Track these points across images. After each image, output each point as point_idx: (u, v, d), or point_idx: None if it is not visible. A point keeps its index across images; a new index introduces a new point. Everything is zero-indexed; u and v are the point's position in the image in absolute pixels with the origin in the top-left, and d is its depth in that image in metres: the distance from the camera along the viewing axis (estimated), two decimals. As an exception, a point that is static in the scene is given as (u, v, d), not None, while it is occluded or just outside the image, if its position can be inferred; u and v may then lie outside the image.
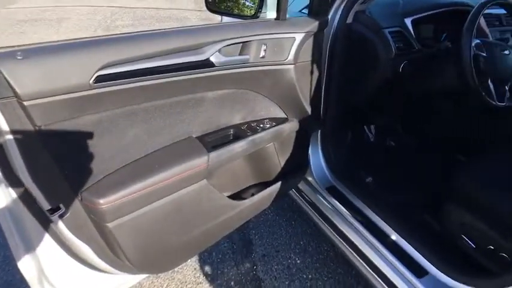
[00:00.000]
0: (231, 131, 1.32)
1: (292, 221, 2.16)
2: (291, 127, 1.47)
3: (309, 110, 1.49)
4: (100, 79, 0.93)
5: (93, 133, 1.01)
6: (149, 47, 1.02)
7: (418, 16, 1.64)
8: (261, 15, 1.46)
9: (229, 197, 1.43)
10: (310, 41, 1.40)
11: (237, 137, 1.30)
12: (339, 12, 1.56)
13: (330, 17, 1.55)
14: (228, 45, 1.17)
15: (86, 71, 0.90)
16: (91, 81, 0.91)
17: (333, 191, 1.77)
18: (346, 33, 1.58)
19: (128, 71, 0.99)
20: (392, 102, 1.99)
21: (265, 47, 1.27)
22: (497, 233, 1.31)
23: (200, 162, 1.16)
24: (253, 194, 1.44)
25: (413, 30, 1.62)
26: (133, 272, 1.29)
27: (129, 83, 1.01)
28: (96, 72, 0.91)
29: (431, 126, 2.16)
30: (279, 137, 1.46)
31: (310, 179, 1.83)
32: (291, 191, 1.94)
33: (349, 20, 1.58)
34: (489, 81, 1.50)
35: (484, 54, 1.47)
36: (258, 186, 1.53)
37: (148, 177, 1.07)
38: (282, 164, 1.57)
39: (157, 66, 1.04)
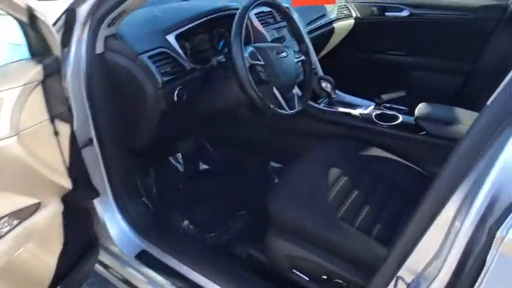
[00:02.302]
0: None
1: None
2: (49, 214, 1.06)
3: (68, 181, 1.10)
4: None
5: None
6: None
7: (181, 30, 1.37)
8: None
9: None
10: (39, 93, 1.00)
11: None
12: (84, 41, 1.19)
13: (73, 48, 1.17)
14: None
15: None
16: None
17: (143, 257, 1.43)
18: (100, 66, 1.23)
19: None
20: (186, 128, 1.73)
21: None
22: (323, 259, 1.16)
23: None
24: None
25: (180, 47, 1.35)
26: None
27: None
28: None
29: (237, 137, 2.00)
30: (34, 233, 1.03)
31: (115, 249, 1.45)
32: (101, 271, 1.53)
33: (100, 49, 1.23)
34: (274, 89, 1.34)
35: (261, 62, 1.30)
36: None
37: None
38: (55, 262, 1.14)
39: None
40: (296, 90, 1.48)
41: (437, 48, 2.34)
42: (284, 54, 1.38)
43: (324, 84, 1.77)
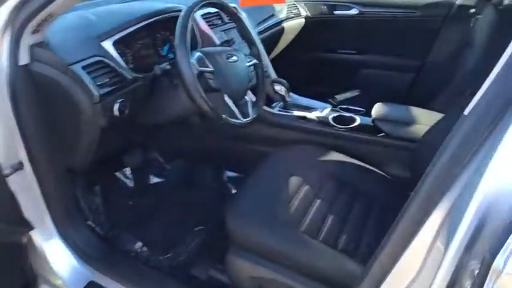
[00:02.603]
0: None
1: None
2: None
3: None
4: None
5: None
6: None
7: (120, 35, 1.24)
8: None
9: None
10: None
11: None
12: (5, 52, 1.03)
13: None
14: None
15: None
16: None
17: (93, 289, 1.28)
18: (27, 79, 1.07)
19: None
20: (133, 141, 1.60)
21: None
22: (290, 279, 1.08)
23: None
24: None
25: (119, 55, 1.21)
26: None
27: None
28: None
29: (189, 147, 1.88)
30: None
31: (59, 283, 1.29)
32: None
33: (24, 60, 1.07)
34: (226, 97, 1.24)
35: (210, 69, 1.19)
36: None
37: None
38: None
39: None
40: (249, 96, 1.39)
41: (387, 46, 2.35)
42: (234, 58, 1.29)
43: (277, 88, 1.70)
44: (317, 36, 2.44)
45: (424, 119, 1.49)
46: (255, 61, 1.40)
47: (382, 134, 1.53)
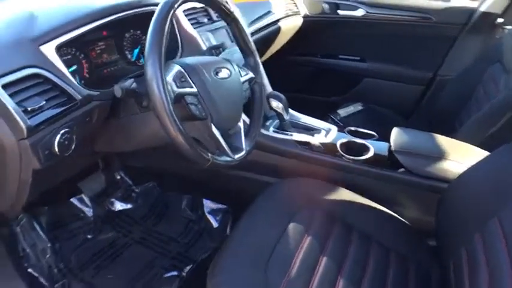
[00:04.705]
0: None
1: None
2: None
3: None
4: None
5: None
6: None
7: (68, 37, 0.89)
8: None
9: None
10: None
11: None
12: None
13: None
14: None
15: None
16: None
17: None
18: None
19: None
20: (88, 168, 1.27)
21: None
22: None
23: None
24: None
25: (65, 64, 0.86)
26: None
27: None
28: None
29: (163, 169, 1.55)
30: None
31: None
32: None
33: None
34: (213, 128, 0.92)
35: (193, 90, 0.87)
36: None
37: None
38: None
39: None
40: (241, 121, 1.06)
41: (394, 54, 2.06)
42: (226, 73, 0.97)
43: (274, 104, 1.38)
44: (316, 38, 2.13)
45: (456, 154, 1.21)
46: (251, 75, 1.08)
47: (402, 169, 1.25)
